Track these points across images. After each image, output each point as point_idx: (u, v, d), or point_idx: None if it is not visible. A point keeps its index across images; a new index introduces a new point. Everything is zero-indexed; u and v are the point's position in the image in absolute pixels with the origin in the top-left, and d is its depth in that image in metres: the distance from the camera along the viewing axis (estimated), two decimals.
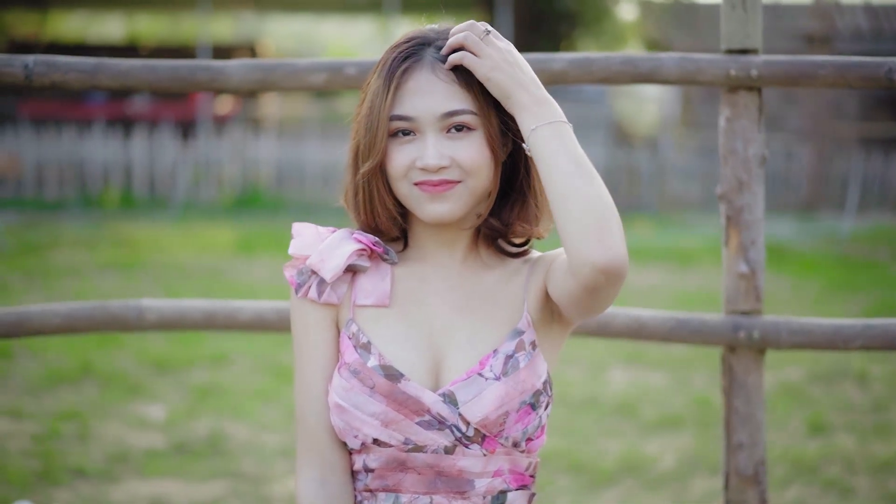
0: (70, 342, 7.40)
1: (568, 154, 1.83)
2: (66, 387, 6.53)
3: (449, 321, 1.97)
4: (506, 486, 1.97)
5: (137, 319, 2.74)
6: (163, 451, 5.42)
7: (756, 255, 2.66)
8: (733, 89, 2.62)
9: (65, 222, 14.38)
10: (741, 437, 2.70)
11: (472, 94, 1.92)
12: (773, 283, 10.61)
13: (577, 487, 5.08)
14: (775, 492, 5.01)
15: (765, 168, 2.66)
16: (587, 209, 1.79)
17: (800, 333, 2.67)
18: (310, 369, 1.98)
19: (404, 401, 1.91)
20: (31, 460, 5.23)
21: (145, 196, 16.77)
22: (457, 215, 1.93)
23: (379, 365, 1.92)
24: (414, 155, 1.91)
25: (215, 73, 2.59)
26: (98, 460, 5.26)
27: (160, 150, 16.93)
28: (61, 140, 16.96)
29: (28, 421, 5.84)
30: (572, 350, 7.62)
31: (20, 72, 2.57)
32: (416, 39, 1.97)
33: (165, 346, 7.41)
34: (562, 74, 2.59)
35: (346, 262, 1.95)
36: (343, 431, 1.94)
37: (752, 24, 2.58)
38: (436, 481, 1.94)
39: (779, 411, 6.24)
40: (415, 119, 1.91)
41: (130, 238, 12.80)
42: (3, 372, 6.80)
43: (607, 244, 1.78)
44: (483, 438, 1.92)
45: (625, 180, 17.32)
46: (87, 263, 11.01)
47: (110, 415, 6.00)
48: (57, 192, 16.76)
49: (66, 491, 4.85)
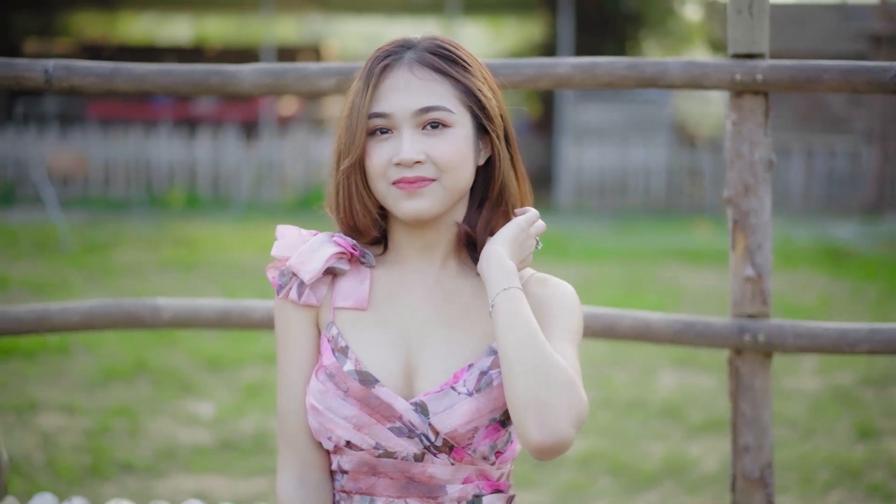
0: (127, 340, 7.54)
1: (523, 323, 1.85)
2: (121, 383, 6.65)
3: (425, 327, 2.00)
4: (479, 491, 1.99)
5: (153, 317, 2.81)
6: (209, 447, 5.50)
7: (762, 258, 2.66)
8: (739, 93, 2.62)
9: (129, 221, 14.60)
10: (747, 440, 2.70)
11: (450, 93, 1.95)
12: (833, 287, 10.52)
13: (616, 489, 5.09)
14: (818, 496, 4.98)
15: (830, 170, 2.66)
16: (531, 383, 1.80)
17: (806, 337, 2.67)
18: (290, 369, 2.02)
19: (377, 406, 1.94)
20: (82, 455, 5.33)
21: (209, 196, 16.98)
22: (433, 213, 1.96)
23: (355, 370, 1.95)
24: (391, 152, 1.94)
25: (228, 78, 2.65)
26: (146, 456, 5.35)
27: (224, 150, 17.13)
28: (128, 140, 17.23)
29: (81, 416, 5.96)
30: (621, 353, 7.62)
31: (41, 76, 2.64)
32: (398, 42, 2.00)
33: (219, 345, 7.51)
34: (567, 78, 2.60)
35: (324, 265, 1.99)
36: (318, 432, 1.98)
37: (759, 29, 2.58)
38: (408, 486, 1.97)
39: (828, 416, 6.20)
40: (391, 115, 1.94)
41: (192, 237, 12.96)
42: (60, 368, 6.94)
43: (547, 426, 1.78)
44: (451, 449, 1.94)
45: (687, 181, 17.25)
46: (148, 262, 11.17)
47: (161, 411, 6.11)
48: (123, 191, 17.03)
49: (112, 485, 4.94)
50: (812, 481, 5.14)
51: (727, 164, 2.66)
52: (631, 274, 11.07)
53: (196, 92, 2.69)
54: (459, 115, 1.95)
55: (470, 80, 1.97)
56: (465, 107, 1.96)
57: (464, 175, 1.97)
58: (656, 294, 9.78)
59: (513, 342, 1.83)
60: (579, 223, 15.63)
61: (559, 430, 1.78)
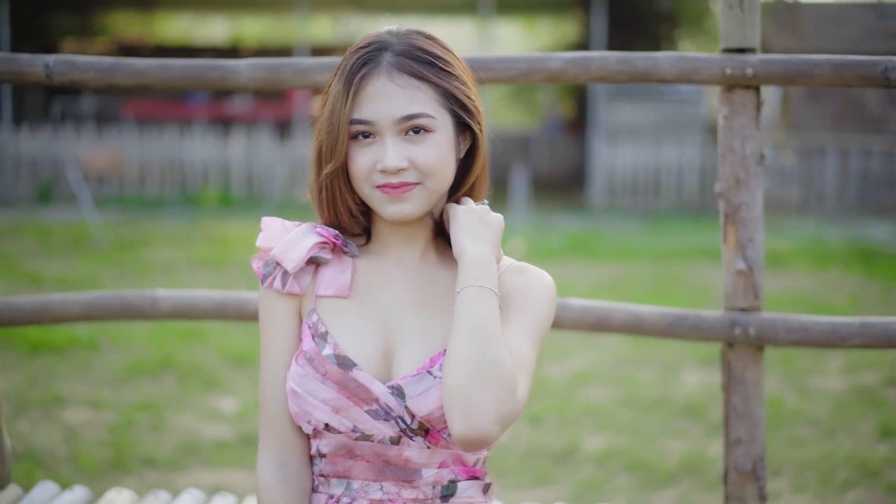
0: (156, 336, 7.62)
1: (472, 318, 1.88)
2: (147, 379, 6.72)
3: (404, 314, 2.03)
4: (454, 477, 2.03)
5: (152, 308, 2.85)
6: (231, 442, 5.55)
7: (754, 252, 2.66)
8: (730, 88, 2.63)
9: (163, 220, 14.72)
10: (739, 433, 2.70)
11: (430, 98, 1.98)
12: (863, 287, 10.46)
13: (633, 486, 5.09)
14: (836, 494, 4.97)
15: (864, 170, 2.66)
16: (463, 375, 1.84)
17: (798, 331, 2.67)
18: (272, 356, 2.06)
19: (354, 389, 1.97)
20: (105, 449, 5.40)
21: (243, 195, 17.08)
22: (417, 215, 2.00)
23: (333, 354, 1.99)
24: (374, 157, 1.97)
25: (225, 72, 2.68)
26: (168, 450, 5.41)
27: (258, 149, 17.24)
28: (163, 140, 17.37)
29: (106, 411, 6.03)
30: (646, 351, 7.61)
31: (41, 70, 2.69)
32: (375, 44, 2.01)
33: (245, 341, 7.56)
34: (559, 73, 2.62)
35: (307, 254, 2.03)
36: (297, 416, 2.02)
37: (750, 23, 2.58)
38: (384, 469, 2.01)
39: (850, 415, 6.17)
40: (373, 123, 1.97)
41: (225, 236, 13.04)
42: (88, 364, 7.01)
43: (470, 420, 1.82)
44: (427, 432, 1.98)
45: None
46: (180, 260, 11.26)
47: (185, 406, 6.16)
48: (158, 190, 17.17)
49: (133, 479, 5.00)
50: (831, 480, 5.12)
51: (718, 158, 2.67)
52: (660, 273, 11.05)
53: (195, 86, 2.72)
54: (440, 117, 1.98)
55: (448, 81, 2.00)
56: (446, 109, 1.99)
57: (446, 176, 2.01)
58: (685, 294, 9.75)
59: (456, 334, 1.87)
60: (611, 223, 15.61)
61: (480, 426, 1.82)
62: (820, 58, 2.55)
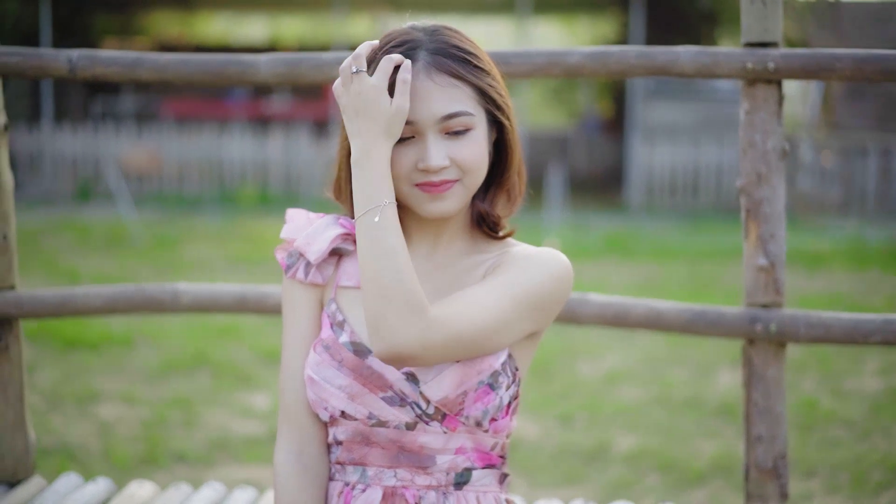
0: (191, 333, 7.66)
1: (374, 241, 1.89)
2: (180, 375, 6.76)
3: None
4: (470, 464, 2.04)
5: (173, 302, 2.87)
6: (261, 438, 5.58)
7: (776, 248, 2.64)
8: (752, 82, 2.60)
9: (201, 218, 14.80)
10: (760, 431, 2.68)
11: (468, 96, 1.98)
12: None
13: (664, 486, 5.07)
14: (870, 496, 4.92)
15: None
16: (372, 295, 1.87)
17: (818, 327, 2.64)
18: (292, 345, 2.09)
19: (369, 376, 2.00)
20: (137, 444, 5.43)
21: (280, 193, 17.15)
22: (455, 211, 2.01)
23: (349, 341, 2.02)
24: (415, 157, 1.97)
25: (245, 67, 2.69)
26: (199, 446, 5.44)
27: (296, 148, 17.30)
28: (202, 138, 17.47)
29: (140, 407, 6.07)
30: (680, 351, 7.58)
31: (65, 65, 2.71)
32: (408, 43, 2.00)
33: (279, 338, 7.57)
34: (578, 68, 2.60)
35: (329, 246, 2.06)
36: (314, 403, 2.04)
37: (772, 18, 2.55)
38: (399, 456, 2.02)
39: (886, 416, 6.12)
40: (415, 122, 1.96)
41: (262, 234, 13.10)
42: (123, 360, 7.06)
43: (382, 335, 1.86)
44: (443, 416, 1.99)
45: None
46: (216, 258, 11.32)
47: (217, 403, 6.20)
48: (197, 188, 17.27)
49: (164, 474, 5.03)
50: (865, 481, 5.08)
51: (739, 153, 2.65)
52: (697, 273, 10.99)
53: (214, 82, 2.73)
54: (477, 115, 1.99)
55: (482, 78, 2.00)
56: (482, 107, 2.00)
57: (483, 172, 2.02)
58: (720, 293, 9.69)
59: (367, 258, 1.88)
60: (649, 222, 15.54)
61: (396, 343, 1.85)
62: (841, 52, 2.53)
